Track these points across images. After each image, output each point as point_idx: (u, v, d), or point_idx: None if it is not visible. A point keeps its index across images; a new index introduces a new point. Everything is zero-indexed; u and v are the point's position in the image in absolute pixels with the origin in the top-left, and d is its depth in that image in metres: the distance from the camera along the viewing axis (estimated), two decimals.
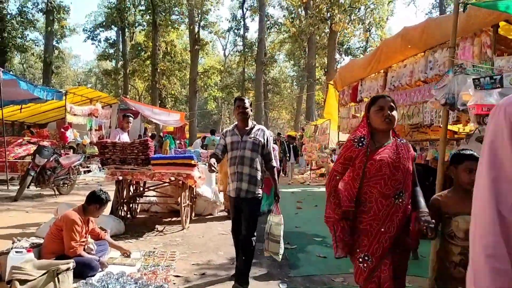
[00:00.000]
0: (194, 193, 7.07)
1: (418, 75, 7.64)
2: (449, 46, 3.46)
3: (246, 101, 4.04)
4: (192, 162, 6.10)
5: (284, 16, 34.99)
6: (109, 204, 4.84)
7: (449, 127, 11.81)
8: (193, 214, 7.12)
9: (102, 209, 4.23)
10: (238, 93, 41.20)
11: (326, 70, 18.52)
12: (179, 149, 11.30)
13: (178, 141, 21.37)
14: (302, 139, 16.63)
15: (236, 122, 4.13)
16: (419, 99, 7.68)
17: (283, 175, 12.67)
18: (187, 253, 4.82)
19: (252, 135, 3.93)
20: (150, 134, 18.55)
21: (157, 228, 6.22)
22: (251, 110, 4.05)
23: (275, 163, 4.14)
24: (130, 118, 7.05)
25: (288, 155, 11.72)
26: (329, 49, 19.17)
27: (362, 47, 34.30)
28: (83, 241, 4.05)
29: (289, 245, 5.26)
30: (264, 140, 3.96)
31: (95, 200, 4.13)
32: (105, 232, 4.60)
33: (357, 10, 21.99)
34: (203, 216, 7.38)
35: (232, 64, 41.99)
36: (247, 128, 3.99)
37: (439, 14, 29.10)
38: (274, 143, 10.67)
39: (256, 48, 29.31)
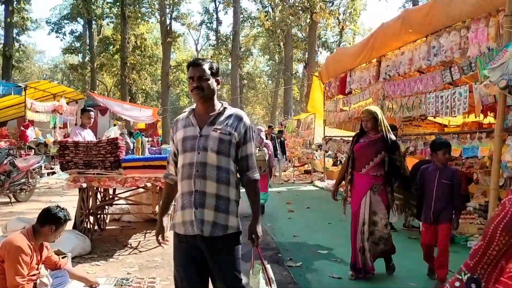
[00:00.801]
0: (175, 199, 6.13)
1: (419, 62, 6.94)
2: (505, 14, 2.66)
3: (206, 66, 2.29)
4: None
5: (258, 9, 34.21)
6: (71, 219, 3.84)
7: (439, 120, 11.31)
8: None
9: (60, 231, 3.24)
10: None
11: (306, 62, 17.81)
12: (153, 148, 10.27)
13: (150, 139, 20.22)
14: (280, 134, 15.77)
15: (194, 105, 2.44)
16: (420, 89, 6.99)
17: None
18: (170, 279, 3.88)
19: (219, 126, 2.28)
20: (120, 132, 17.33)
21: (130, 244, 5.27)
22: (218, 84, 2.38)
23: (257, 173, 2.41)
24: (91, 112, 6.04)
25: (277, 151, 10.84)
26: (310, 41, 18.40)
27: (336, 42, 33.85)
28: (34, 275, 3.08)
29: (292, 263, 4.44)
30: (239, 133, 2.30)
31: (49, 220, 3.15)
32: (65, 257, 3.63)
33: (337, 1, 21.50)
34: None
35: (206, 59, 40.75)
36: (211, 114, 2.31)
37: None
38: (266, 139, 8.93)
39: (230, 42, 28.32)
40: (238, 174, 2.37)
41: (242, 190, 2.38)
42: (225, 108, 2.36)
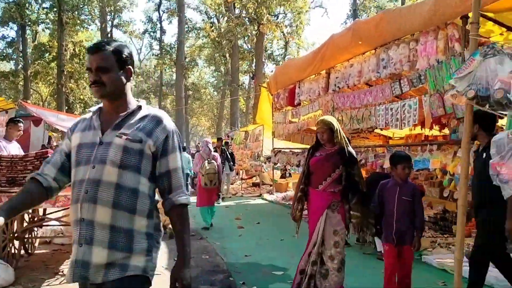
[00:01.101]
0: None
1: (368, 74, 6.94)
2: (471, 21, 2.54)
3: (108, 52, 1.69)
4: None
5: (203, 20, 33.91)
6: None
7: (384, 132, 11.53)
8: None
9: None
10: (155, 99, 39.14)
11: (253, 74, 17.68)
12: None
13: None
14: (226, 146, 15.41)
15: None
16: (370, 101, 6.97)
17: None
18: None
19: (127, 130, 1.69)
20: (55, 144, 16.15)
21: (62, 271, 4.65)
22: (130, 75, 1.78)
23: (185, 195, 1.75)
24: (20, 124, 5.35)
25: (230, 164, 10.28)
26: (257, 52, 18.32)
27: (281, 54, 34.28)
28: None
29: (246, 287, 4.07)
30: (156, 140, 1.70)
31: None
32: None
33: (283, 13, 21.65)
34: None
35: (149, 69, 39.74)
36: (121, 115, 1.73)
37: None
38: (215, 151, 8.59)
39: (175, 51, 27.71)
40: (160, 196, 1.76)
41: None
42: (139, 107, 1.76)
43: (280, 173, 13.87)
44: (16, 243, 4.94)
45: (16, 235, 4.87)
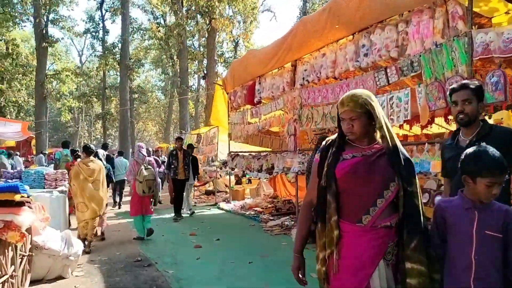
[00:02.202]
0: (27, 248, 4.14)
1: (345, 64, 6.00)
2: None
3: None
4: (17, 197, 3.32)
5: (149, 20, 32.11)
6: None
7: None
8: (27, 282, 4.19)
9: None
10: (98, 102, 36.62)
11: (205, 73, 16.38)
12: (11, 171, 7.85)
13: (23, 159, 16.88)
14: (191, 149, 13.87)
15: None
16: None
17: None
18: None
19: None
20: None
21: None
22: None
23: None
24: None
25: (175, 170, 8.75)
26: (209, 49, 16.96)
27: (231, 57, 33.25)
28: None
29: None
30: None
31: None
32: None
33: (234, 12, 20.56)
34: (47, 281, 4.49)
35: (90, 71, 37.15)
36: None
37: None
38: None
39: (119, 51, 25.78)
40: None
41: None
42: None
43: (235, 179, 12.70)
44: None
45: None
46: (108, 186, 8.11)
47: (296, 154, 7.36)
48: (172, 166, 8.72)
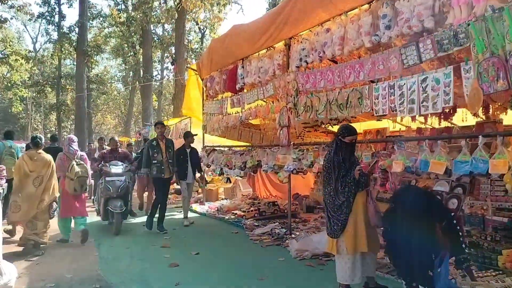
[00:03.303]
0: None
1: (358, 40, 4.90)
2: None
3: None
4: None
5: (109, 5, 29.93)
6: None
7: (331, 128, 9.74)
8: None
9: None
10: (52, 93, 34.01)
11: (174, 58, 14.83)
12: None
13: None
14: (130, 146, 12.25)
15: None
16: (361, 78, 4.94)
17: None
18: None
19: None
20: None
21: None
22: None
23: None
24: None
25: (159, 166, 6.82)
26: (178, 33, 15.30)
27: (197, 48, 31.66)
28: None
29: None
30: None
31: None
32: None
33: None
34: None
35: (45, 58, 34.44)
36: None
37: None
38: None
39: (76, 35, 23.68)
40: None
41: None
42: None
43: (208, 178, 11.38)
44: None
45: None
46: None
47: (290, 149, 6.23)
48: (155, 162, 6.79)
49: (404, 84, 4.32)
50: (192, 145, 7.84)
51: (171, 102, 38.87)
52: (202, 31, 31.90)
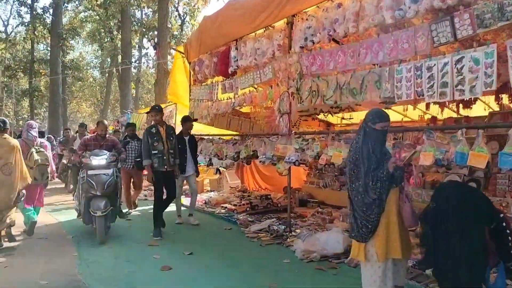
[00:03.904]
0: None
1: (377, 16, 4.34)
2: None
3: None
4: None
5: None
6: None
7: (324, 117, 9.23)
8: None
9: None
10: (25, 77, 32.41)
11: (156, 42, 13.96)
12: None
13: None
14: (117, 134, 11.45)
15: None
16: (381, 58, 4.39)
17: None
18: None
19: None
20: None
21: None
22: None
23: None
24: None
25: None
26: (160, 15, 14.34)
27: (177, 36, 30.64)
28: None
29: None
30: None
31: None
32: None
33: None
34: None
35: (17, 41, 32.70)
36: None
37: None
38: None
39: (49, 17, 22.38)
40: None
41: None
42: None
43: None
44: None
45: None
46: None
47: (291, 138, 5.65)
48: (155, 152, 5.68)
49: (434, 65, 3.77)
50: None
51: (149, 90, 37.68)
52: (182, 18, 30.89)
